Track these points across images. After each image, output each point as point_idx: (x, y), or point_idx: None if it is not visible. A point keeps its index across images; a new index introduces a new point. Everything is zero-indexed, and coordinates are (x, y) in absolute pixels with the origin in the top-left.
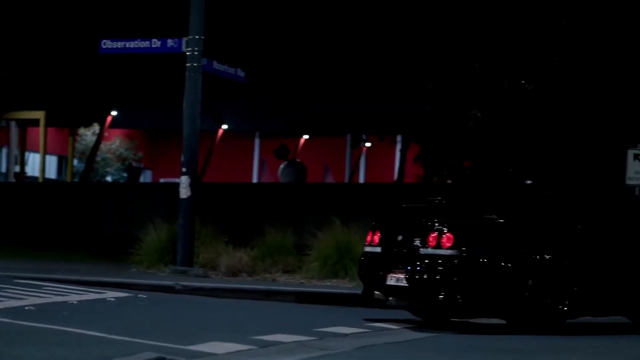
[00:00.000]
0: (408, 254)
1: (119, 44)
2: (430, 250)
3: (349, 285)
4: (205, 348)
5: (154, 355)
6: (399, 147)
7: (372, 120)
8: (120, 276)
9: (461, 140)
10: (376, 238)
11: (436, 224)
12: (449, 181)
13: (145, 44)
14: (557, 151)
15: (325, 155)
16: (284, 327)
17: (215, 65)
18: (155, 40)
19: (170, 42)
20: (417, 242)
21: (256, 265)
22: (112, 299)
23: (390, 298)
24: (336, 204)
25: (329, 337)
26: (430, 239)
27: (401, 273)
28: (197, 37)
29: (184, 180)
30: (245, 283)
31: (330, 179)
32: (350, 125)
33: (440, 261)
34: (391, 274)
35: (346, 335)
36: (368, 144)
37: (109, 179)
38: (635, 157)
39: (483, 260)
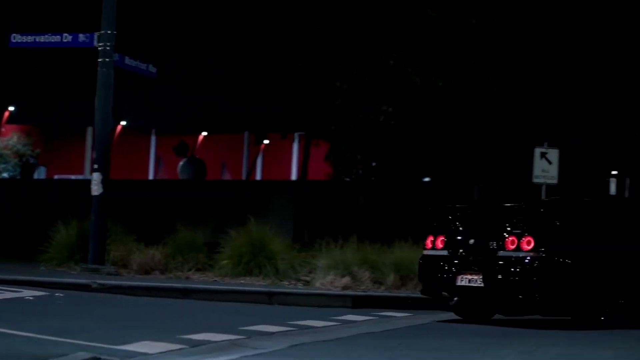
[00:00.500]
0: (483, 257)
1: (29, 38)
2: (509, 253)
3: (264, 283)
4: (137, 348)
5: (88, 355)
6: (296, 144)
7: (275, 118)
8: (34, 274)
9: (370, 137)
10: (439, 242)
11: (515, 228)
12: (347, 179)
13: (56, 38)
14: (464, 149)
15: (222, 152)
16: (209, 326)
17: (127, 60)
18: (66, 34)
19: (82, 37)
20: (494, 245)
21: (168, 263)
22: (31, 298)
23: (456, 298)
24: (245, 201)
25: (257, 335)
26: (509, 242)
27: (475, 274)
28: (109, 32)
29: (96, 177)
30: (160, 281)
31: (227, 176)
32: (250, 122)
33: (520, 262)
34: (462, 276)
35: (272, 333)
36: (266, 141)
37: (5, 175)
38: (542, 155)
39: (559, 261)
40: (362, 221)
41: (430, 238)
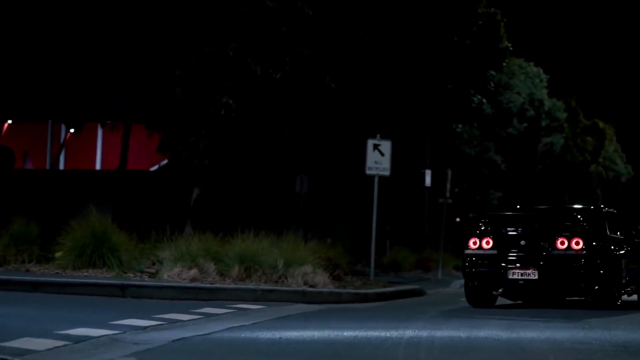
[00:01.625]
0: (536, 255)
1: None
2: (560, 252)
3: (108, 275)
4: (21, 344)
5: None
6: (100, 134)
7: (90, 107)
8: None
9: (207, 128)
10: (484, 243)
11: (564, 231)
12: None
13: None
14: (295, 140)
15: (25, 141)
16: (79, 321)
17: None
18: None
19: None
20: (545, 245)
21: (6, 255)
22: None
23: (501, 289)
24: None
25: (132, 330)
26: (559, 242)
27: (528, 269)
28: None
29: None
30: (6, 274)
31: (29, 166)
32: (58, 111)
33: (570, 259)
34: (514, 270)
35: (145, 327)
36: (72, 130)
37: None
38: (375, 147)
39: (597, 258)
40: (197, 212)
41: (473, 239)
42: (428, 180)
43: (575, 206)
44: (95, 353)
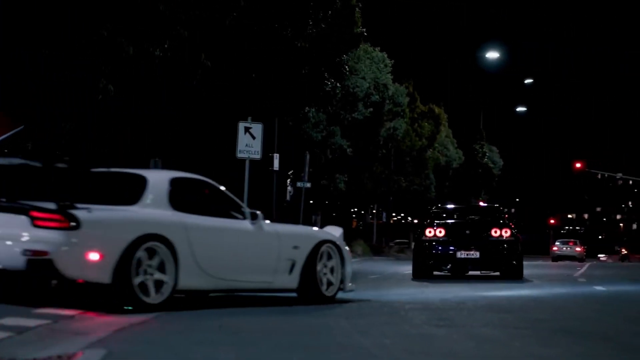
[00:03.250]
0: (478, 239)
1: None
2: (495, 238)
3: None
4: None
5: None
6: None
7: None
8: None
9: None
10: (437, 232)
11: (497, 223)
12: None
13: None
14: (163, 124)
15: None
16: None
17: None
18: None
19: None
20: (485, 233)
21: None
22: None
23: (449, 265)
24: None
25: (63, 319)
26: (493, 231)
27: (472, 251)
28: None
29: None
30: None
31: None
32: None
33: (502, 243)
34: (461, 251)
35: (73, 316)
36: None
37: None
38: (246, 130)
39: (516, 242)
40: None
41: (429, 229)
42: (276, 164)
43: (490, 204)
44: (49, 344)
